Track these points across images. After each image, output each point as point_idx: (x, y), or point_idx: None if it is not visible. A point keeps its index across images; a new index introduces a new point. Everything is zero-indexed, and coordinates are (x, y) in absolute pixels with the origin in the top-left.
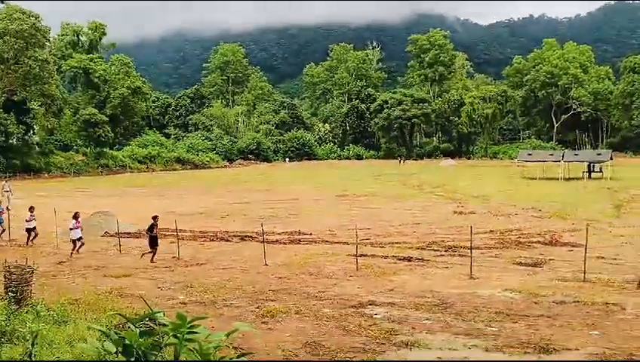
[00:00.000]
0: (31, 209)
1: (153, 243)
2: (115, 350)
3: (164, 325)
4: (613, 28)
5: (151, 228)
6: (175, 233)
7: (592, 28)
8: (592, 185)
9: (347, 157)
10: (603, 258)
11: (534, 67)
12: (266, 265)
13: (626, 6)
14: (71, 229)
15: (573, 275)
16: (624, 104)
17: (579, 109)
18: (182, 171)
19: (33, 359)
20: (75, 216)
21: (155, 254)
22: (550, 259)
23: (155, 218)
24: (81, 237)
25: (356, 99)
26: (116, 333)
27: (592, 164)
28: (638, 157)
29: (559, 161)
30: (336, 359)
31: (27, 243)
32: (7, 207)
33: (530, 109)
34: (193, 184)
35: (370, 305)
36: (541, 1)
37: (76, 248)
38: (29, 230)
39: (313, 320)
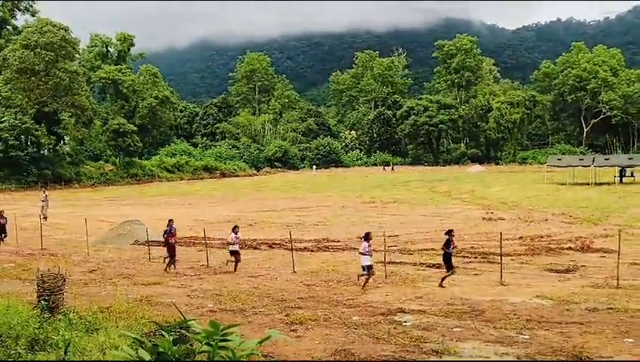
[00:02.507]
0: (235, 229)
1: (449, 261)
2: (149, 358)
3: (197, 333)
4: None
5: (447, 243)
6: (204, 241)
7: (622, 30)
8: (624, 190)
9: (374, 164)
10: (636, 264)
11: (563, 71)
12: (295, 272)
13: None
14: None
15: (605, 282)
16: None
17: (609, 113)
18: (209, 180)
19: None
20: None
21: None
22: (582, 266)
23: (449, 232)
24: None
25: (382, 105)
26: (149, 341)
27: (623, 169)
28: None
29: (589, 166)
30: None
31: (235, 269)
32: (45, 217)
33: (559, 114)
34: (221, 192)
35: (399, 312)
36: (569, 2)
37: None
38: (233, 253)
39: (342, 327)
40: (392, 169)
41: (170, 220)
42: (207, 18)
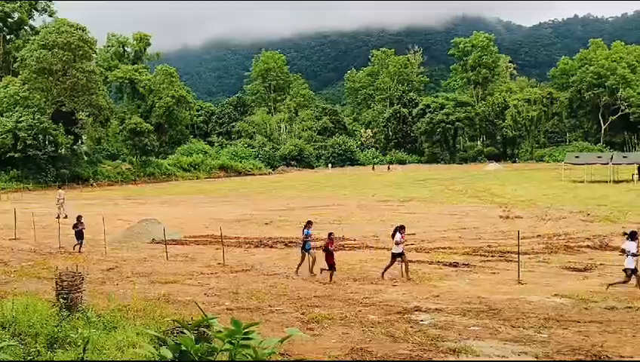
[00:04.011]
0: (401, 229)
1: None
2: (171, 356)
3: (219, 331)
4: None
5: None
6: (220, 239)
7: None
8: None
9: (390, 163)
10: None
11: (580, 68)
12: (311, 271)
13: None
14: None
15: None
16: None
17: (627, 110)
18: (225, 178)
19: None
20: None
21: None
22: (600, 264)
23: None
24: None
25: (398, 103)
26: (171, 339)
27: None
28: None
29: (607, 164)
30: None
31: (407, 276)
32: (65, 215)
33: (577, 111)
34: (236, 191)
35: (416, 311)
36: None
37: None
38: (396, 256)
39: (359, 326)
40: (388, 168)
41: (309, 222)
42: (220, 18)
